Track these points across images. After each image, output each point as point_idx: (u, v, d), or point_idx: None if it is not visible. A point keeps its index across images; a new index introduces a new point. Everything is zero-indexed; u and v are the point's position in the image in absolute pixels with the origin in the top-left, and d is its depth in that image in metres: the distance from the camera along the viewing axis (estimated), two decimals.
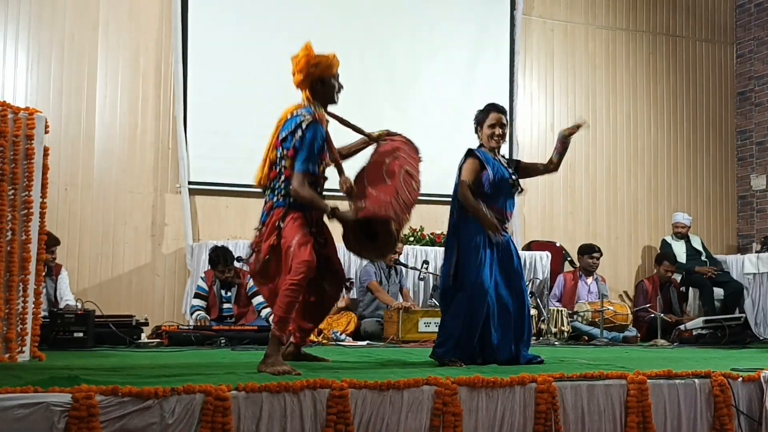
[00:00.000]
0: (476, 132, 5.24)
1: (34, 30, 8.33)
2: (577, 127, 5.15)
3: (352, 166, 4.82)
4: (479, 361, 4.96)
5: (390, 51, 9.55)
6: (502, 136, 5.16)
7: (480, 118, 5.20)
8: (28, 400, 3.02)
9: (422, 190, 5.16)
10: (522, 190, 5.21)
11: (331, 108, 4.74)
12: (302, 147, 4.44)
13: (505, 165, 5.20)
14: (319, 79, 4.60)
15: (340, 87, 4.70)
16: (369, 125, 5.02)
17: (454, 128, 9.68)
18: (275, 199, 4.55)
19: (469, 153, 5.16)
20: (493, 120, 5.14)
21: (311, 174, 4.47)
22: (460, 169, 5.14)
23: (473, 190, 5.02)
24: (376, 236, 4.54)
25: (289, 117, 4.57)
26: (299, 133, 4.46)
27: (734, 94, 11.15)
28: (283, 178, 4.52)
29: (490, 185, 5.05)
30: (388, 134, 4.90)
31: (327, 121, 4.63)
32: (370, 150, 4.94)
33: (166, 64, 8.75)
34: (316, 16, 9.21)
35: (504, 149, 5.14)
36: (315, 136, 4.45)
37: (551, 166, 5.30)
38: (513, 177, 5.13)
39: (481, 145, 5.20)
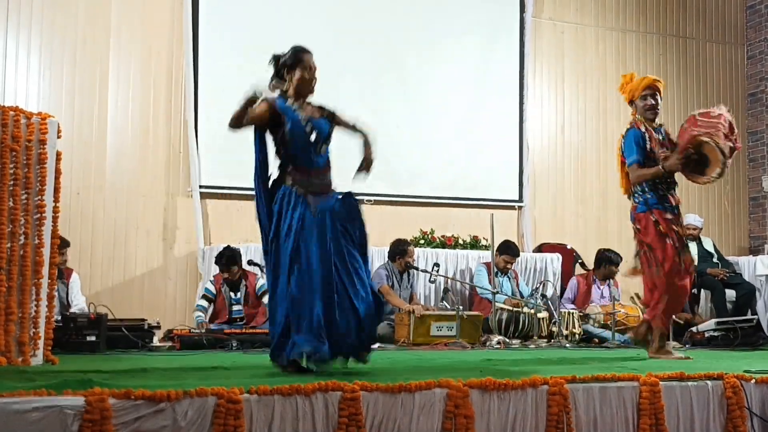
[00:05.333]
0: None
1: (47, 35, 8.38)
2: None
3: None
4: None
5: (401, 55, 9.55)
6: None
7: None
8: (41, 404, 3.02)
9: (434, 193, 5.12)
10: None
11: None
12: (626, 149, 5.79)
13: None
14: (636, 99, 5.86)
15: (650, 107, 5.80)
16: (379, 127, 4.99)
17: (465, 130, 9.71)
18: (637, 199, 5.87)
19: None
20: None
21: (639, 164, 5.72)
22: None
23: None
24: (706, 160, 5.59)
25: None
26: (623, 141, 5.82)
27: (745, 96, 11.11)
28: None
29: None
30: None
31: (646, 127, 5.78)
32: None
33: (177, 68, 8.78)
34: (327, 21, 9.23)
35: (514, 151, 5.09)
36: (631, 137, 5.75)
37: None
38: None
39: None
